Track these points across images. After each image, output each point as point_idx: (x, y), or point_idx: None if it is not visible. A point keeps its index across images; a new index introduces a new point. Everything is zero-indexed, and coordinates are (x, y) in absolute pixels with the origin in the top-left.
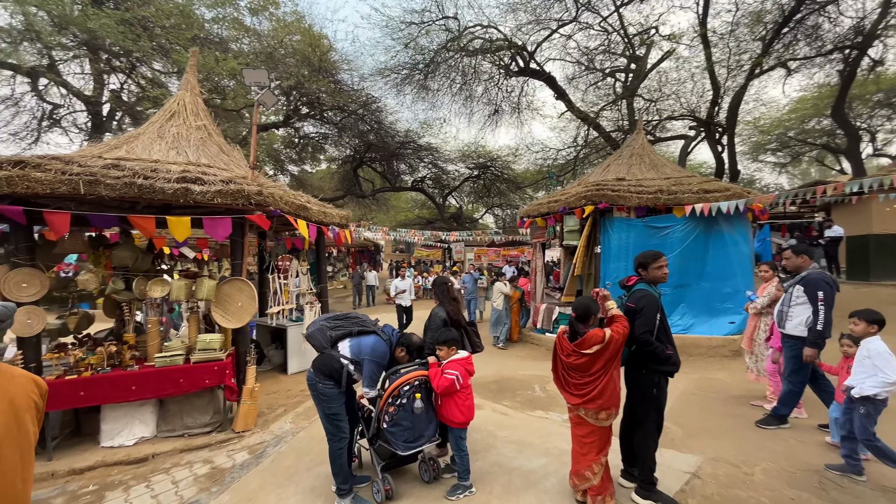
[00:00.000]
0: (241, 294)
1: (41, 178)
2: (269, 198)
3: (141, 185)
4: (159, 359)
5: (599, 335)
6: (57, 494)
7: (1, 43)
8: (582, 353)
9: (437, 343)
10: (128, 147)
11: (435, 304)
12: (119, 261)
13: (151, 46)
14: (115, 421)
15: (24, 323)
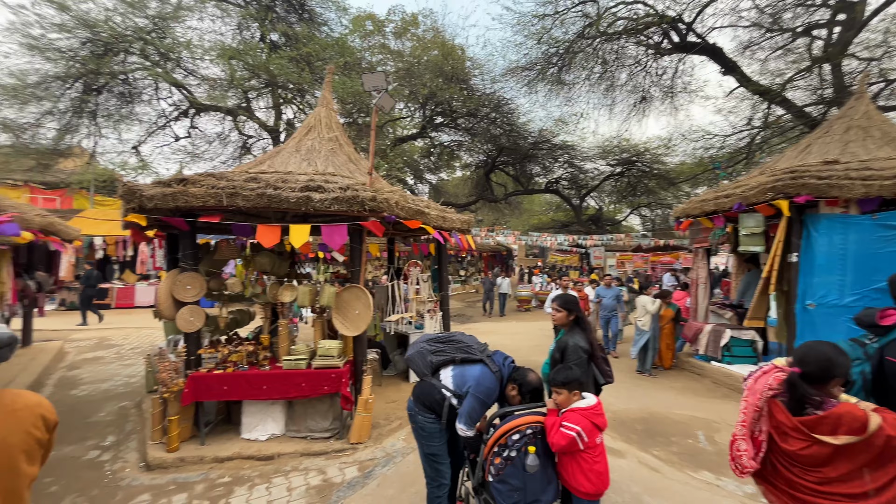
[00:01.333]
0: (358, 302)
1: (195, 192)
2: (384, 203)
3: (270, 195)
4: (286, 361)
5: (859, 418)
6: (201, 480)
7: (214, 91)
8: (815, 439)
9: (555, 384)
10: (270, 162)
11: (553, 323)
12: (260, 266)
13: (313, 78)
14: (253, 416)
15: (187, 320)
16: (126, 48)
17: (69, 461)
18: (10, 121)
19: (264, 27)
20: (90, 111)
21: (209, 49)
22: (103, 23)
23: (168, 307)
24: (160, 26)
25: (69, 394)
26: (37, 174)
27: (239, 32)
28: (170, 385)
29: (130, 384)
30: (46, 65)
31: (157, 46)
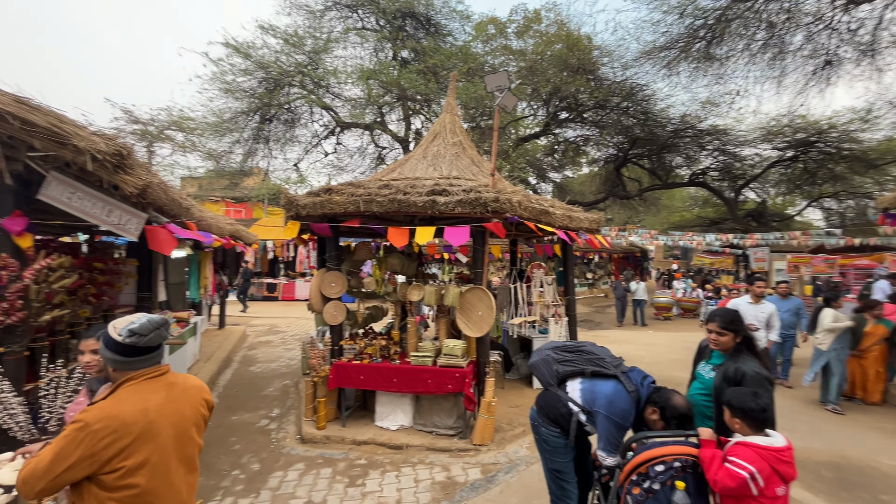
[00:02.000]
0: (481, 303)
1: (338, 200)
2: (506, 204)
3: (400, 200)
4: (414, 357)
5: None
6: (342, 458)
7: (355, 110)
8: None
9: (732, 407)
10: (400, 169)
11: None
12: (391, 266)
13: (438, 87)
14: (385, 405)
15: (331, 314)
16: (289, 82)
17: (247, 426)
18: (213, 150)
19: (396, 46)
20: (265, 137)
21: (351, 73)
22: (273, 63)
23: (317, 302)
24: (314, 59)
25: (249, 370)
26: (229, 191)
27: (375, 54)
28: (318, 371)
29: (291, 366)
30: (235, 103)
31: (312, 77)
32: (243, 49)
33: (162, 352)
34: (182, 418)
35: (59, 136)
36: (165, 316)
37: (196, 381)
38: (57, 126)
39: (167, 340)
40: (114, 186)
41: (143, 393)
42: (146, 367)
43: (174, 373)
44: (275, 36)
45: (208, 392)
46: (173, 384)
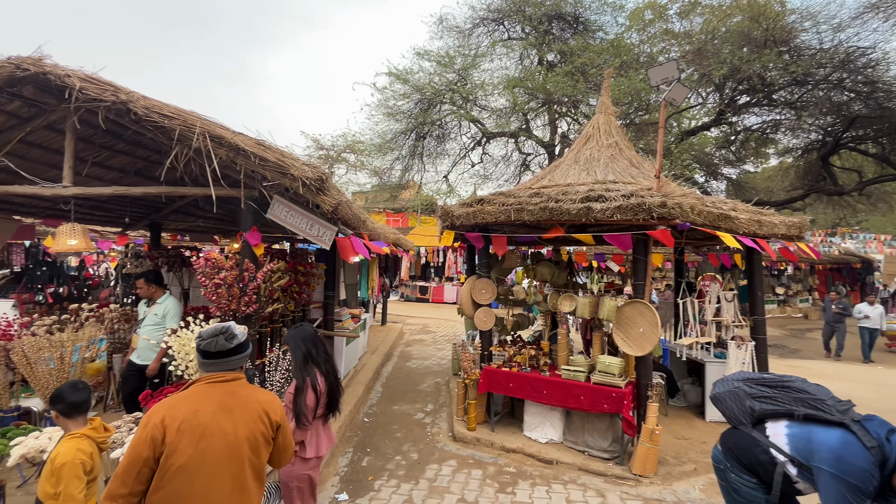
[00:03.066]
0: (642, 319)
1: (490, 210)
2: (676, 209)
3: (552, 208)
4: (564, 371)
5: None
6: (492, 462)
7: (500, 119)
8: None
9: None
10: (550, 176)
11: None
12: (540, 275)
13: (587, 87)
14: (534, 416)
15: (482, 319)
16: (440, 100)
17: (406, 416)
18: (377, 167)
19: (541, 51)
20: (419, 153)
21: (497, 84)
22: (427, 84)
23: (468, 307)
24: (463, 76)
25: (406, 364)
26: (389, 203)
27: (520, 62)
28: (469, 374)
29: (442, 365)
30: (395, 125)
31: (461, 93)
32: (402, 75)
33: (234, 360)
34: (234, 430)
35: (282, 168)
36: (229, 325)
37: (264, 396)
38: (281, 160)
39: (345, 333)
40: (315, 205)
41: (202, 395)
42: (214, 370)
43: (245, 383)
44: (428, 60)
45: (275, 407)
46: (234, 393)
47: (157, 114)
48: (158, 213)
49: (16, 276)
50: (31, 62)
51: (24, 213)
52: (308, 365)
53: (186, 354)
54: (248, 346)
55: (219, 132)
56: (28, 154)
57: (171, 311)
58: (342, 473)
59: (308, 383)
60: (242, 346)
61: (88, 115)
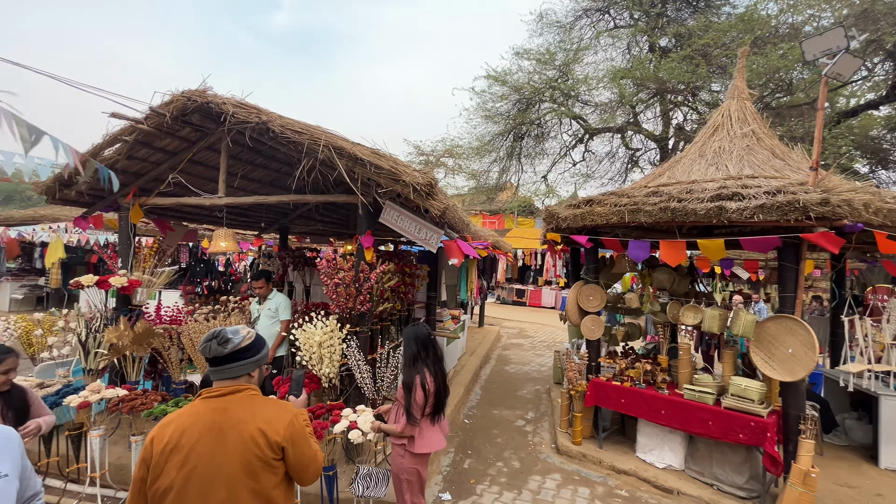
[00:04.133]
0: (792, 338)
1: (600, 211)
2: (843, 207)
3: (674, 208)
4: (687, 390)
5: None
6: (600, 482)
7: (604, 114)
8: None
9: None
10: (669, 172)
11: None
12: (658, 283)
13: (709, 71)
14: (649, 437)
15: (589, 328)
16: (540, 98)
17: (506, 422)
18: (475, 170)
19: (653, 37)
20: (517, 154)
21: (602, 77)
22: (526, 84)
23: (574, 314)
24: (564, 72)
25: (504, 368)
26: (486, 205)
27: (628, 51)
28: (575, 384)
29: (541, 372)
30: (493, 127)
31: (562, 89)
32: (501, 77)
33: (235, 367)
34: (224, 453)
35: (395, 175)
36: (225, 328)
37: (268, 412)
38: (394, 167)
39: (446, 334)
40: (424, 210)
41: (195, 413)
42: (217, 378)
43: (246, 397)
44: (528, 58)
45: (278, 426)
46: (226, 411)
47: (290, 130)
48: (286, 218)
49: (182, 272)
50: (198, 94)
51: (188, 220)
52: (417, 364)
53: (310, 347)
54: (254, 350)
55: (340, 144)
56: (193, 171)
57: (283, 304)
58: (445, 473)
59: (418, 382)
60: (244, 351)
61: (237, 136)
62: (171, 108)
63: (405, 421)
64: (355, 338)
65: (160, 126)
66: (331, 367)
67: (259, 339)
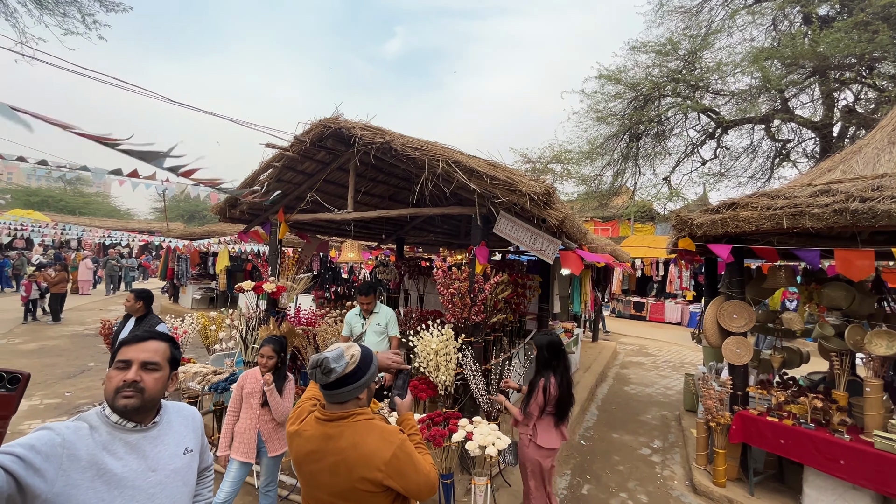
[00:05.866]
0: None
1: (747, 216)
2: None
3: (855, 209)
4: (880, 439)
5: None
6: None
7: (743, 104)
8: None
9: None
10: (844, 166)
11: None
12: (830, 301)
13: (892, 37)
14: (821, 491)
15: (733, 351)
16: (660, 93)
17: (628, 448)
18: (586, 175)
19: (809, 6)
20: (633, 156)
21: (739, 62)
22: (644, 79)
23: (713, 334)
24: (690, 61)
25: (623, 388)
26: (598, 211)
27: (773, 28)
28: (715, 415)
29: (668, 395)
30: (606, 129)
31: (688, 81)
32: (614, 75)
33: (342, 393)
34: (333, 480)
35: (511, 185)
36: (326, 356)
37: (370, 444)
38: (510, 178)
39: None
40: (541, 220)
41: (309, 434)
42: (328, 402)
43: (352, 424)
44: (645, 52)
45: (377, 461)
46: (331, 439)
47: (410, 148)
48: (402, 230)
49: (313, 279)
50: (332, 121)
51: (321, 233)
52: (545, 370)
53: (427, 354)
54: (359, 373)
55: (456, 157)
56: (326, 189)
57: (392, 318)
58: (561, 496)
59: (541, 385)
60: (349, 377)
61: (364, 156)
62: (310, 135)
63: (522, 413)
64: (470, 347)
65: (302, 151)
66: (447, 375)
67: (365, 359)
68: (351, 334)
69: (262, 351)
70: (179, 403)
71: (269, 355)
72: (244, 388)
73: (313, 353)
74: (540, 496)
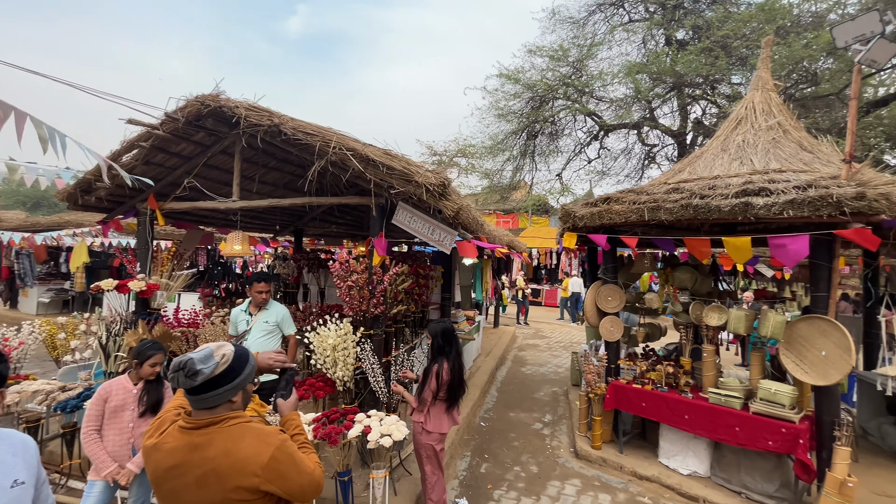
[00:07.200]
0: (825, 339)
1: (618, 209)
2: (880, 202)
3: (696, 205)
4: (713, 394)
5: None
6: (622, 489)
7: (620, 110)
8: None
9: None
10: (690, 168)
11: None
12: (679, 282)
13: (728, 63)
14: (672, 443)
15: (608, 329)
16: (553, 95)
17: (523, 425)
18: (488, 169)
19: (670, 29)
20: (530, 152)
21: (617, 73)
22: (539, 81)
23: (592, 315)
24: (578, 68)
25: (520, 370)
26: (500, 204)
27: (643, 45)
28: (594, 387)
29: (558, 373)
30: (506, 125)
31: (576, 86)
32: (513, 75)
33: (211, 397)
34: (201, 496)
35: (408, 176)
36: (191, 357)
37: (245, 450)
38: (406, 168)
39: (461, 336)
40: (437, 210)
41: (170, 446)
42: (194, 408)
43: (222, 430)
44: (540, 55)
45: (253, 467)
46: (197, 448)
47: (302, 132)
48: (301, 221)
49: (200, 275)
50: (211, 98)
51: (205, 223)
52: (439, 356)
53: (324, 350)
54: (232, 374)
55: (352, 145)
56: (208, 175)
57: (286, 316)
58: (461, 478)
59: (434, 371)
60: (219, 378)
61: (251, 139)
62: (184, 112)
63: (417, 400)
64: (369, 341)
65: (175, 131)
66: (345, 371)
67: (239, 358)
68: (236, 333)
69: (156, 359)
70: (6, 430)
71: (160, 362)
72: (108, 402)
73: None
74: (437, 479)
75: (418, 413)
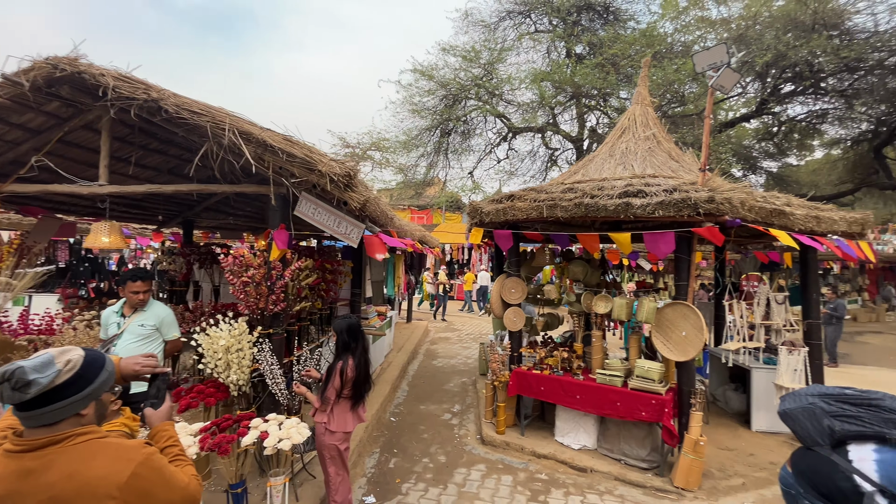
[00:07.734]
0: (685, 322)
1: (521, 206)
2: (724, 205)
3: (588, 203)
4: (599, 375)
5: None
6: (522, 468)
7: (526, 114)
8: None
9: None
10: (584, 170)
11: None
12: (573, 275)
13: (617, 79)
14: (566, 421)
15: (511, 320)
16: (466, 95)
17: (433, 417)
18: (402, 165)
19: (570, 42)
20: (444, 150)
21: (524, 78)
22: (453, 80)
23: (498, 307)
24: (489, 70)
25: (432, 363)
26: (414, 200)
27: (547, 55)
28: (499, 375)
29: (468, 364)
30: (420, 121)
31: (487, 87)
32: (427, 71)
33: (48, 413)
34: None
35: (310, 164)
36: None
37: (98, 468)
38: (308, 156)
39: (371, 331)
40: (343, 202)
41: None
42: (27, 426)
43: (60, 449)
44: (454, 55)
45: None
46: (31, 474)
47: (187, 111)
48: (191, 211)
49: (60, 272)
50: (68, 62)
51: (65, 212)
52: (343, 353)
53: (215, 353)
54: (81, 383)
55: (247, 128)
56: (68, 153)
57: (168, 318)
58: (369, 475)
59: (338, 368)
60: (63, 389)
61: (124, 115)
62: (31, 76)
63: (320, 399)
64: (269, 340)
65: (18, 97)
66: (240, 374)
67: (90, 364)
68: (106, 337)
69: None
70: None
71: None
72: None
73: None
74: (342, 480)
75: (321, 413)
